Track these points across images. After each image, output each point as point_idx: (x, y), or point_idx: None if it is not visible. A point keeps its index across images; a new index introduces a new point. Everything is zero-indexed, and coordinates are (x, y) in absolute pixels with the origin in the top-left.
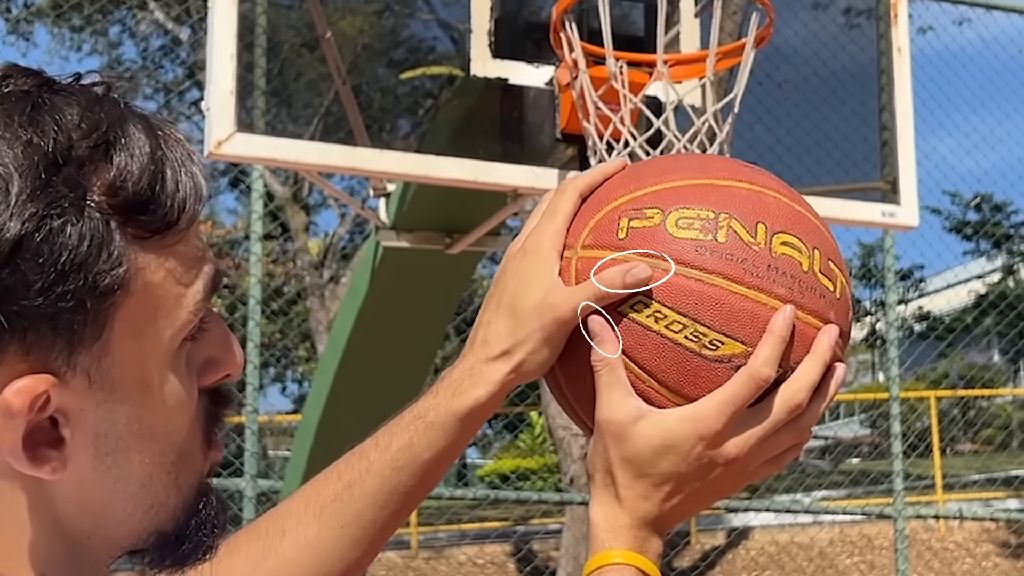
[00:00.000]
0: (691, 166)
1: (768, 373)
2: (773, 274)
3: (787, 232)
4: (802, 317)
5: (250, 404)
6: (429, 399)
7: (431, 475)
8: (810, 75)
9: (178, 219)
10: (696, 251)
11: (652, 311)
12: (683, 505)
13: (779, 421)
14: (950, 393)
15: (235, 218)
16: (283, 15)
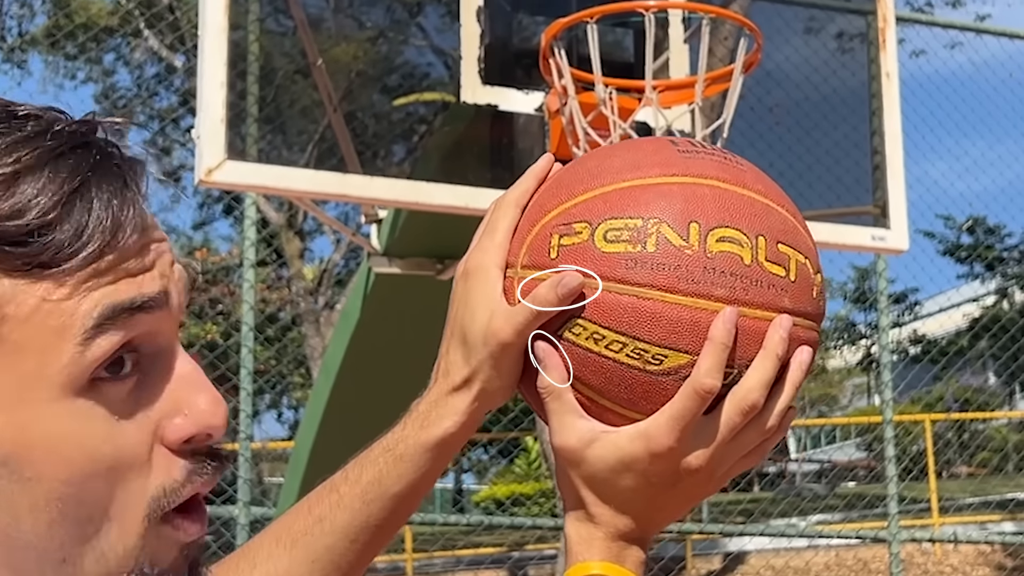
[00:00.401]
0: (622, 164)
1: (711, 383)
2: (710, 276)
3: (724, 225)
4: (749, 313)
5: (243, 431)
6: (398, 431)
7: (402, 508)
8: (802, 100)
9: (66, 261)
10: (626, 265)
11: (590, 333)
12: (658, 515)
13: (736, 425)
14: (945, 416)
15: (229, 245)
16: (276, 42)
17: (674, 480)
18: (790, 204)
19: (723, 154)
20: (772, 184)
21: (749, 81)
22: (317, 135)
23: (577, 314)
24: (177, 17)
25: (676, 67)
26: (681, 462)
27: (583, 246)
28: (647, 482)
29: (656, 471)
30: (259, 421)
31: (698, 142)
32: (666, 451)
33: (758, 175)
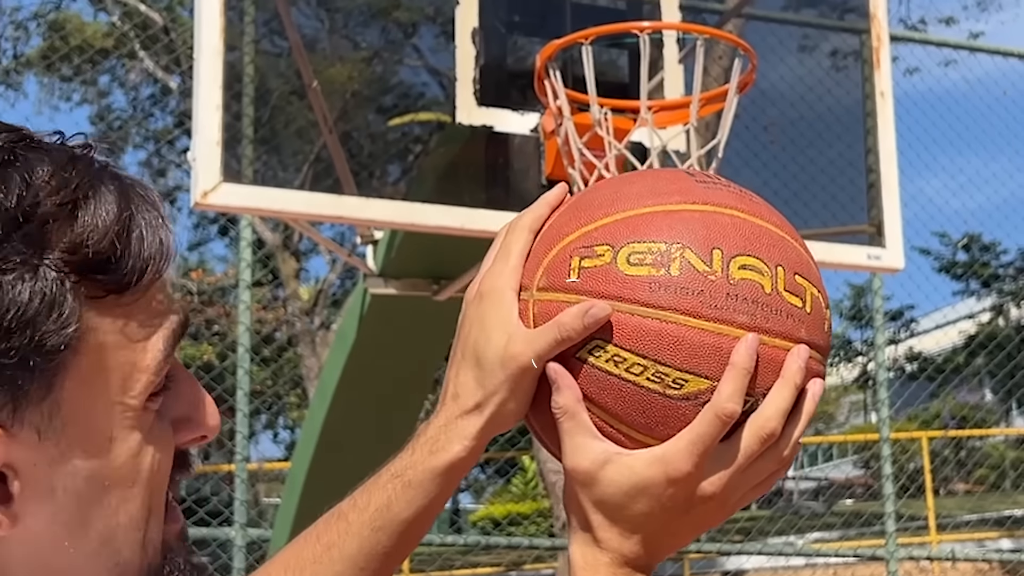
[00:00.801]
0: (641, 191)
1: (733, 408)
2: (733, 302)
3: (746, 254)
4: (768, 342)
5: (240, 453)
6: (406, 457)
7: (411, 534)
8: (796, 118)
9: (137, 281)
10: (650, 288)
11: (611, 355)
12: (666, 541)
13: (753, 453)
14: (941, 433)
15: (225, 265)
16: (271, 63)
17: (687, 506)
18: (801, 240)
19: (738, 188)
20: (784, 219)
21: (744, 100)
22: (313, 155)
23: (598, 336)
24: (172, 39)
25: (671, 87)
26: (696, 488)
27: (605, 268)
28: (661, 507)
29: (671, 496)
30: (255, 442)
31: (714, 175)
32: (683, 476)
33: (771, 209)
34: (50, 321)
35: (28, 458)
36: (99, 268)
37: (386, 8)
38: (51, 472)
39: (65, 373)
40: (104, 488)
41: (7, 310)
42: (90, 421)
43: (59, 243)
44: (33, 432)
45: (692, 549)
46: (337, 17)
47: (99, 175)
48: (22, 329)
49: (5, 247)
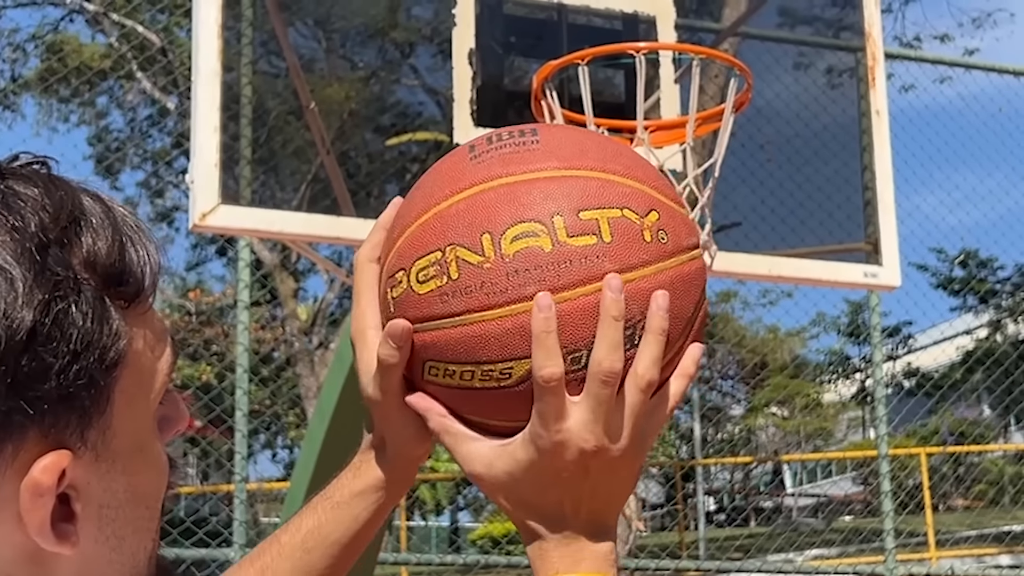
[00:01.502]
0: (421, 195)
1: (551, 371)
2: (516, 279)
3: (514, 223)
4: (570, 295)
5: (239, 473)
6: (336, 481)
7: (343, 555)
8: (792, 136)
9: (145, 287)
10: (441, 300)
11: (442, 370)
12: (593, 504)
13: (640, 403)
14: (940, 449)
15: (223, 285)
16: (269, 83)
17: (583, 465)
18: (593, 160)
19: (519, 139)
20: (571, 149)
21: (740, 119)
22: (310, 176)
23: (426, 357)
24: (170, 60)
25: (667, 106)
26: (578, 448)
27: (406, 295)
28: (559, 478)
29: (558, 466)
30: (254, 461)
31: (503, 132)
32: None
33: (551, 147)
34: (105, 336)
35: (86, 477)
36: (116, 280)
37: (383, 28)
38: (100, 488)
39: (116, 386)
40: (135, 499)
41: (71, 334)
42: (129, 434)
43: (76, 262)
44: (92, 451)
45: (691, 567)
46: (334, 37)
47: (77, 191)
48: (87, 350)
49: (48, 274)
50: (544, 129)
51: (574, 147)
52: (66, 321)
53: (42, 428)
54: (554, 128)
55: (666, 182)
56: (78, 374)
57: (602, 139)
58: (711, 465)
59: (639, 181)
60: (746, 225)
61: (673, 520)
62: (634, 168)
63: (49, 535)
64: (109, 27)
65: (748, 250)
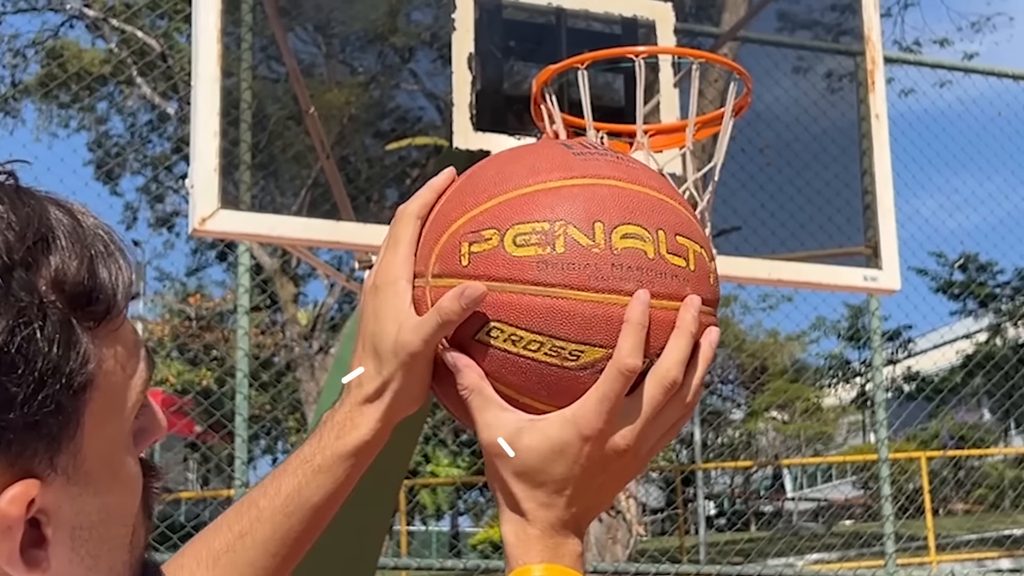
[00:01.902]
0: (522, 170)
1: (634, 363)
2: (618, 271)
3: (627, 222)
4: (657, 304)
5: (238, 478)
6: (314, 443)
7: (319, 519)
8: (792, 140)
9: (116, 301)
10: (538, 267)
11: (508, 335)
12: (590, 500)
13: (659, 403)
14: (940, 453)
15: (224, 290)
16: (269, 88)
17: (604, 462)
18: (680, 197)
19: (614, 154)
20: (663, 180)
21: (739, 122)
22: (311, 181)
23: (495, 318)
24: (170, 65)
25: (667, 110)
26: (609, 443)
27: (494, 252)
28: (579, 467)
29: (586, 455)
30: (254, 467)
31: (590, 143)
32: (596, 433)
33: (648, 172)
34: (72, 361)
35: (56, 501)
36: (84, 299)
37: (383, 33)
38: (72, 511)
39: (86, 409)
40: (109, 518)
41: (36, 361)
42: (101, 455)
43: (43, 283)
44: (64, 476)
45: (692, 572)
46: (334, 42)
47: (44, 204)
48: (54, 376)
49: (11, 299)
50: (630, 156)
51: (664, 180)
52: (31, 348)
53: (8, 457)
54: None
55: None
56: (44, 402)
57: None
58: (711, 469)
59: (704, 234)
60: (746, 229)
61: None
62: (698, 221)
63: (19, 564)
64: (109, 32)
65: (748, 254)
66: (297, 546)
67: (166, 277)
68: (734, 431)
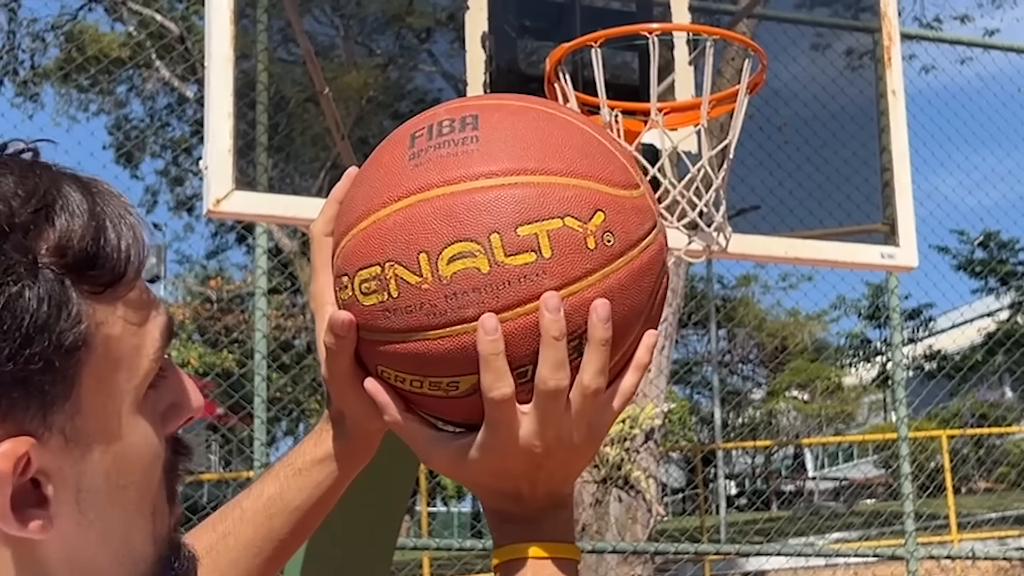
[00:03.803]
0: (364, 194)
1: (502, 391)
2: (454, 301)
3: (453, 241)
4: (510, 316)
5: (258, 459)
6: (298, 448)
7: (305, 522)
8: (810, 117)
9: (125, 270)
10: (384, 316)
11: (393, 375)
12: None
13: (587, 407)
14: (960, 432)
15: (244, 273)
16: (287, 70)
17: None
18: (534, 159)
19: (459, 133)
20: (511, 148)
21: (757, 100)
22: (329, 162)
23: (375, 362)
24: (188, 48)
25: (682, 88)
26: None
27: (351, 302)
28: (523, 476)
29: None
30: (276, 448)
31: (444, 122)
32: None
33: (491, 147)
34: (62, 321)
35: (56, 462)
36: (88, 264)
37: (400, 14)
38: (75, 473)
39: (83, 370)
40: (120, 485)
41: (22, 318)
42: (104, 418)
43: (45, 247)
44: (60, 436)
45: (711, 551)
46: (352, 24)
47: (58, 177)
48: (40, 333)
49: (2, 259)
50: (486, 116)
51: (515, 145)
52: (17, 305)
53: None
54: (497, 113)
55: (620, 164)
56: (31, 358)
57: (547, 124)
58: (732, 449)
59: (584, 177)
60: (764, 207)
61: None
62: (579, 160)
63: (10, 520)
64: (127, 16)
65: (765, 232)
66: (282, 548)
67: (186, 260)
68: (754, 411)
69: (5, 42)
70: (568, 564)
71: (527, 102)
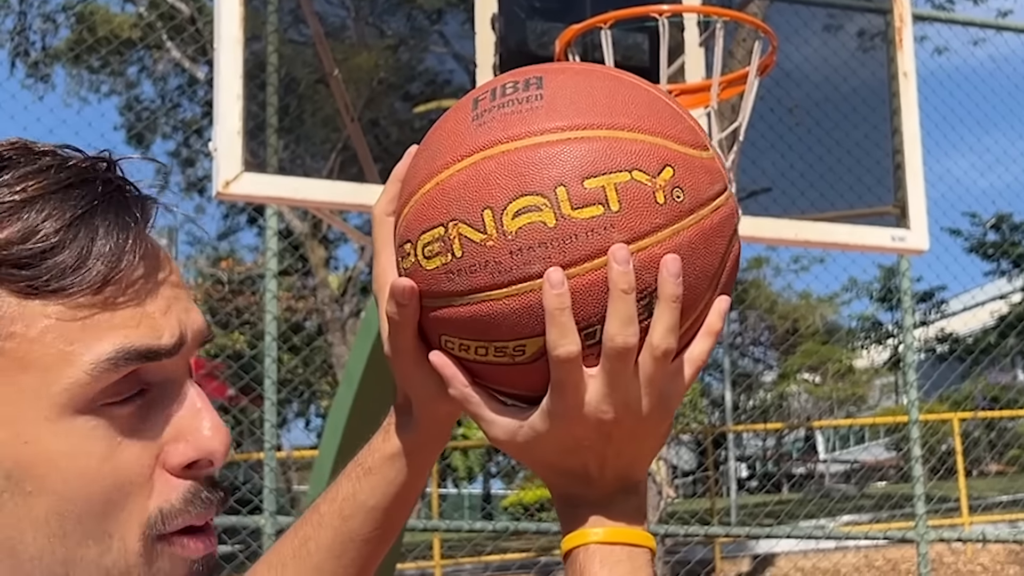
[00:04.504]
0: (425, 159)
1: (568, 349)
2: (520, 257)
3: (518, 196)
4: (577, 272)
5: (268, 440)
6: (367, 446)
7: (387, 519)
8: (822, 99)
9: (73, 282)
10: (447, 278)
11: (457, 344)
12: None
13: (654, 372)
14: (972, 415)
15: (255, 254)
16: (298, 51)
17: (617, 437)
18: (600, 115)
19: (523, 92)
20: (577, 104)
21: (768, 82)
22: (340, 144)
23: (439, 331)
24: (199, 28)
25: (692, 70)
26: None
27: (414, 268)
28: (589, 452)
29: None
30: (288, 429)
31: (507, 83)
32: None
33: (556, 103)
34: None
35: None
36: (23, 265)
37: None
38: None
39: None
40: (25, 490)
41: None
42: (7, 415)
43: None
44: None
45: (722, 533)
46: (363, 4)
47: (71, 183)
48: None
49: None
50: (550, 77)
51: (581, 101)
52: None
53: None
54: (561, 75)
55: (688, 125)
56: None
57: (613, 84)
58: (743, 432)
59: (652, 133)
60: (775, 190)
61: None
62: (647, 117)
63: None
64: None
65: (776, 215)
66: (366, 547)
67: (197, 242)
68: (766, 393)
69: (16, 23)
70: (640, 552)
71: (591, 66)
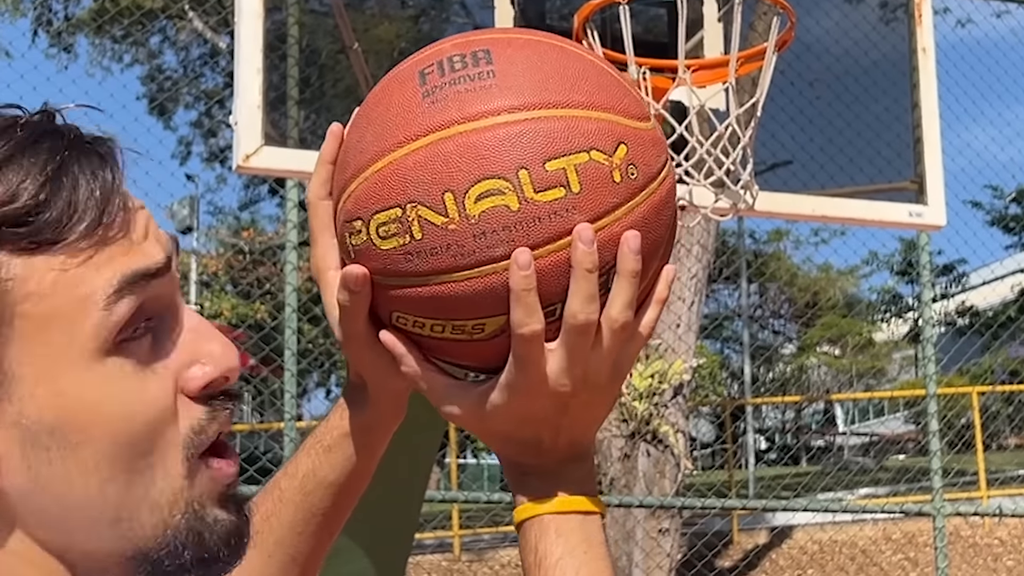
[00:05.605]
0: (374, 135)
1: (532, 328)
2: (483, 241)
3: (480, 179)
4: (540, 253)
5: (288, 411)
6: (326, 422)
7: (345, 495)
8: (842, 73)
9: (68, 230)
10: (405, 259)
11: (411, 321)
12: (579, 433)
13: (613, 344)
14: (990, 388)
15: (276, 224)
16: (319, 22)
17: (573, 404)
18: (555, 92)
19: (472, 68)
20: (530, 81)
21: (788, 55)
22: None
23: (393, 308)
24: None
25: (711, 45)
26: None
27: (366, 247)
28: (544, 420)
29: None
30: (308, 400)
31: (455, 58)
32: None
33: (509, 80)
34: None
35: None
36: (20, 223)
37: None
38: (11, 415)
39: (6, 328)
40: (72, 434)
41: None
42: (39, 364)
43: None
44: None
45: (738, 506)
46: None
47: (35, 138)
48: None
49: None
50: (498, 51)
51: (534, 78)
52: None
53: None
54: (508, 48)
55: (633, 97)
56: None
57: (560, 56)
58: (761, 404)
59: (605, 110)
60: (796, 163)
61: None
62: (598, 93)
63: None
64: None
65: (794, 189)
66: (325, 523)
67: (219, 211)
68: (785, 366)
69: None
70: (592, 519)
71: (533, 35)
